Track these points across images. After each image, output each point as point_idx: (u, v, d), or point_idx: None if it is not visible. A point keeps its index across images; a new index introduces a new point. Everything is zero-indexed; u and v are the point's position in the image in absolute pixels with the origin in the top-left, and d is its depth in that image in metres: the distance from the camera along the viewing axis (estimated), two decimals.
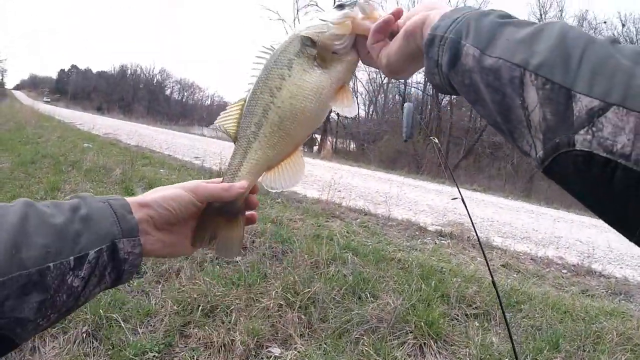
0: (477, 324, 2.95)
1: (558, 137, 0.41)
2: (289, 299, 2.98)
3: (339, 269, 3.53)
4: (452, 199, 1.80)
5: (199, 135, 22.69)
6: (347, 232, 4.81)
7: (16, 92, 75.43)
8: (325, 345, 2.61)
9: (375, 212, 6.19)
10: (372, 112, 34.01)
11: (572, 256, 5.43)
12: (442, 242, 5.16)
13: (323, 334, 2.73)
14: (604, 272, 4.88)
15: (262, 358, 2.52)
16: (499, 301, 1.09)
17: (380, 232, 5.14)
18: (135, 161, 7.54)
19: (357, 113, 0.78)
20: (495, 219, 7.51)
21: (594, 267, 4.96)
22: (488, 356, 2.53)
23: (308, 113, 0.74)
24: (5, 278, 0.49)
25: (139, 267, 0.68)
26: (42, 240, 0.54)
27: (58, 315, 0.58)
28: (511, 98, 0.46)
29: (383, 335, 2.70)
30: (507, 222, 7.38)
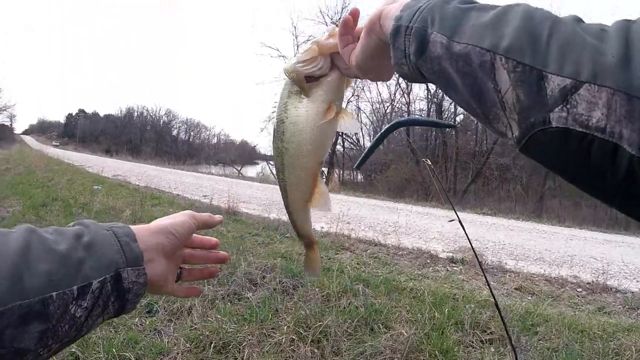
0: (492, 350, 2.90)
1: (533, 117, 0.42)
2: (301, 333, 2.96)
3: (350, 301, 3.50)
4: (449, 221, 1.78)
5: (207, 173, 22.88)
6: (357, 263, 4.79)
7: (25, 137, 76.48)
8: None
9: (385, 242, 6.16)
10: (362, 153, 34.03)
11: (586, 274, 5.37)
12: (454, 268, 5.12)
13: None
14: (620, 288, 4.81)
15: None
16: (502, 321, 1.07)
17: (390, 262, 5.11)
18: (144, 202, 7.61)
19: (358, 130, 0.80)
20: (507, 241, 7.45)
21: (609, 283, 4.90)
22: None
23: (309, 144, 0.78)
24: (5, 308, 0.47)
25: (142, 297, 0.67)
26: (45, 268, 0.53)
27: (60, 345, 0.56)
28: (483, 82, 0.47)
29: None
30: (519, 244, 7.32)
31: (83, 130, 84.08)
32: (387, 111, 32.20)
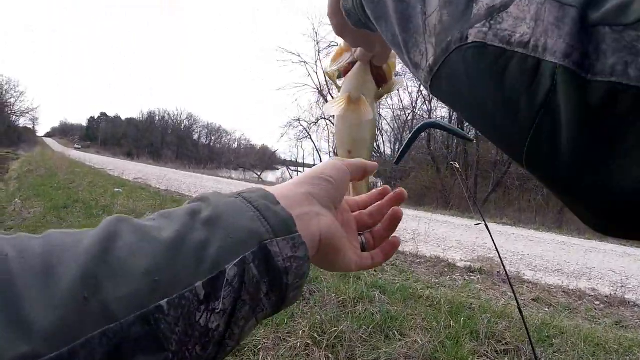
0: None
1: (450, 35, 0.38)
2: (316, 338, 2.99)
3: (366, 308, 3.52)
4: (476, 225, 1.80)
5: (227, 178, 23.03)
6: (374, 270, 4.80)
7: (47, 140, 77.81)
8: None
9: (403, 250, 6.16)
10: (398, 149, 34.06)
11: (605, 287, 5.29)
12: (472, 277, 5.10)
13: None
14: (638, 302, 4.74)
15: None
16: (528, 334, 1.10)
17: (408, 270, 5.12)
18: (164, 205, 7.69)
19: (370, 117, 0.81)
20: (526, 252, 7.39)
21: (627, 297, 4.82)
22: None
23: (339, 134, 0.82)
24: (74, 346, 0.27)
25: (307, 277, 0.43)
26: (143, 265, 0.32)
27: None
28: (413, 6, 0.43)
29: None
30: (538, 255, 7.25)
31: (105, 134, 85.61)
32: (408, 118, 32.12)
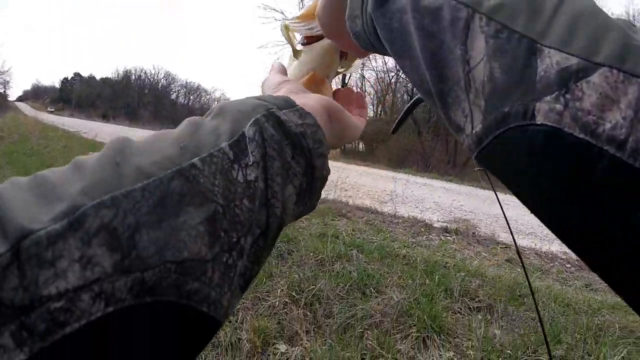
0: (479, 317, 2.98)
1: (508, 105, 0.29)
2: (294, 297, 3.04)
3: (344, 266, 3.57)
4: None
5: None
6: (353, 230, 4.85)
7: (19, 104, 74.64)
8: (330, 341, 2.65)
9: (382, 210, 6.23)
10: (381, 111, 34.06)
11: None
12: (448, 238, 5.19)
13: (328, 330, 2.78)
14: None
15: (269, 355, 2.57)
16: (537, 310, 1.07)
17: (386, 230, 5.18)
18: None
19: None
20: (502, 215, 7.51)
21: None
22: (490, 348, 2.56)
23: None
24: (116, 194, 0.26)
25: (325, 146, 0.43)
26: (166, 142, 0.32)
27: (252, 239, 0.34)
28: (449, 47, 0.34)
29: (387, 329, 2.74)
30: (513, 218, 7.38)
31: (79, 95, 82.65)
32: (392, 80, 32.00)
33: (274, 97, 0.43)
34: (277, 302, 2.98)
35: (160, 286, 0.26)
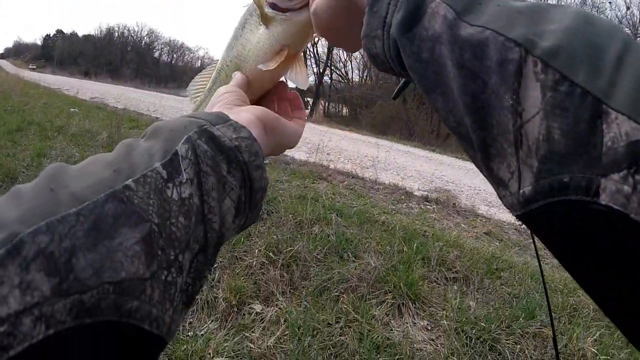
0: (455, 288, 3.00)
1: (568, 174, 0.26)
2: (272, 257, 3.01)
3: (322, 229, 3.55)
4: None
5: (188, 97, 22.43)
6: (333, 193, 4.82)
7: (1, 61, 72.69)
8: (305, 302, 2.65)
9: (363, 176, 6.20)
10: (367, 77, 33.82)
11: None
12: (427, 207, 5.20)
13: (304, 291, 2.77)
14: None
15: (244, 314, 2.56)
16: (547, 299, 1.04)
17: (366, 195, 5.16)
18: (121, 124, 7.44)
19: (305, 87, 0.69)
20: (483, 188, 7.56)
21: None
22: (465, 319, 2.58)
23: (247, 73, 0.69)
24: (51, 220, 0.27)
25: (262, 157, 0.44)
26: (100, 165, 0.33)
27: (190, 256, 0.34)
28: (496, 92, 0.30)
29: (363, 294, 2.74)
30: (494, 191, 7.42)
31: (61, 52, 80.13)
32: None
33: (207, 113, 0.44)
34: (254, 262, 2.96)
35: (99, 307, 0.26)
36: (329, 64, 28.89)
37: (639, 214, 0.23)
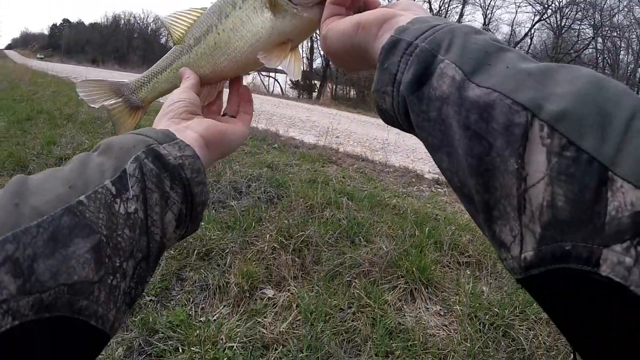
0: (468, 273, 2.99)
1: (570, 242, 0.26)
2: (283, 242, 3.01)
3: (333, 213, 3.54)
4: None
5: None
6: (343, 177, 4.81)
7: (8, 52, 72.94)
8: (317, 287, 2.65)
9: (373, 159, 6.17)
10: None
11: None
12: (438, 190, 5.16)
13: (316, 276, 2.77)
14: None
15: (256, 299, 2.56)
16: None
17: (376, 178, 5.14)
18: None
19: (298, 77, 0.66)
20: None
21: None
22: (478, 304, 2.57)
23: (239, 52, 0.67)
24: (16, 231, 0.31)
25: (204, 174, 0.49)
26: (57, 181, 0.37)
27: (134, 263, 0.39)
28: (501, 156, 0.30)
29: (375, 279, 2.73)
30: None
31: (68, 41, 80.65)
32: None
33: (155, 131, 0.49)
34: (266, 247, 2.96)
35: (55, 304, 0.31)
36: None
37: (639, 286, 0.23)
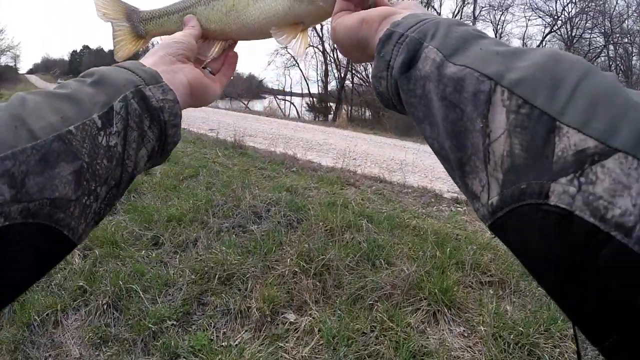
0: (491, 292, 2.95)
1: (525, 182, 0.30)
2: (304, 266, 3.01)
3: (353, 236, 3.53)
4: None
5: (213, 107, 22.68)
6: (361, 199, 4.80)
7: (30, 77, 74.50)
8: (339, 311, 2.64)
9: (391, 180, 6.16)
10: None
11: None
12: (458, 209, 5.13)
13: (337, 300, 2.77)
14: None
15: (278, 324, 2.57)
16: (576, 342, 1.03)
17: (395, 200, 5.13)
18: None
19: (302, 56, 0.67)
20: None
21: None
22: (502, 324, 2.53)
23: (252, 20, 0.69)
24: (15, 150, 0.38)
25: (180, 118, 0.57)
26: (53, 107, 0.44)
27: (107, 189, 0.47)
28: (470, 118, 0.36)
29: (397, 302, 2.72)
30: None
31: (87, 67, 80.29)
32: None
33: (145, 70, 0.56)
34: (287, 272, 2.97)
35: (39, 214, 0.39)
36: (350, 68, 28.87)
37: (582, 211, 0.27)
